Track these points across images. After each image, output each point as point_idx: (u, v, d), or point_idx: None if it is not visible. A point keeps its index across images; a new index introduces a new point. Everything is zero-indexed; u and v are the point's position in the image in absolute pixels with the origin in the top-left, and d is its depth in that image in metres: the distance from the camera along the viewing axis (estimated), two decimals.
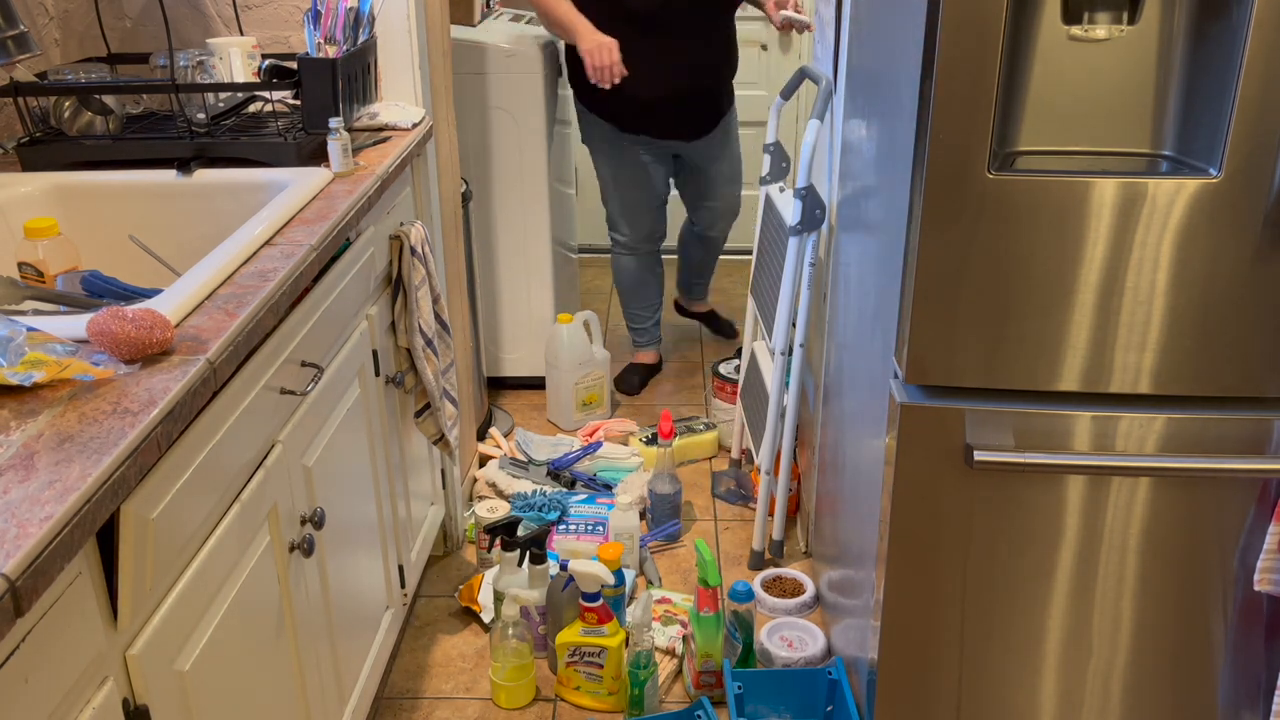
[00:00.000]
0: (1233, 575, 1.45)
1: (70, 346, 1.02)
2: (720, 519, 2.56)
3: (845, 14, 1.95)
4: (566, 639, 1.94)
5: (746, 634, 1.98)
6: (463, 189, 2.61)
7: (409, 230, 1.87)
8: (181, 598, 1.05)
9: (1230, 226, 1.29)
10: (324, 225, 1.45)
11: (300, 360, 1.39)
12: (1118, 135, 1.34)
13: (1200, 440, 1.39)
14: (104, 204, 1.65)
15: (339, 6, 1.78)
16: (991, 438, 1.41)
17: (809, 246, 2.17)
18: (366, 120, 1.95)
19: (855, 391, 1.79)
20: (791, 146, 3.94)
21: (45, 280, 1.46)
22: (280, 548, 1.32)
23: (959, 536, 1.47)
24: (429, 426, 2.02)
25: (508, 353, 3.15)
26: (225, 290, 1.23)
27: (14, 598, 0.73)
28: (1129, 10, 1.30)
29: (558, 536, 2.37)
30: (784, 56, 4.06)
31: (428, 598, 2.27)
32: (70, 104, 1.76)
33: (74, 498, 0.82)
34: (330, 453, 1.51)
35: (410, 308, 1.86)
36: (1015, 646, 1.53)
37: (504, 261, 3.04)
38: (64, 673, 0.85)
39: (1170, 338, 1.35)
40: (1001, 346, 1.37)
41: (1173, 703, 1.54)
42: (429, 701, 1.98)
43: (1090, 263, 1.32)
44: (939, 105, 1.27)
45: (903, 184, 1.40)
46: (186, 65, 1.82)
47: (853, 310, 1.84)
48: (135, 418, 0.94)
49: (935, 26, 1.25)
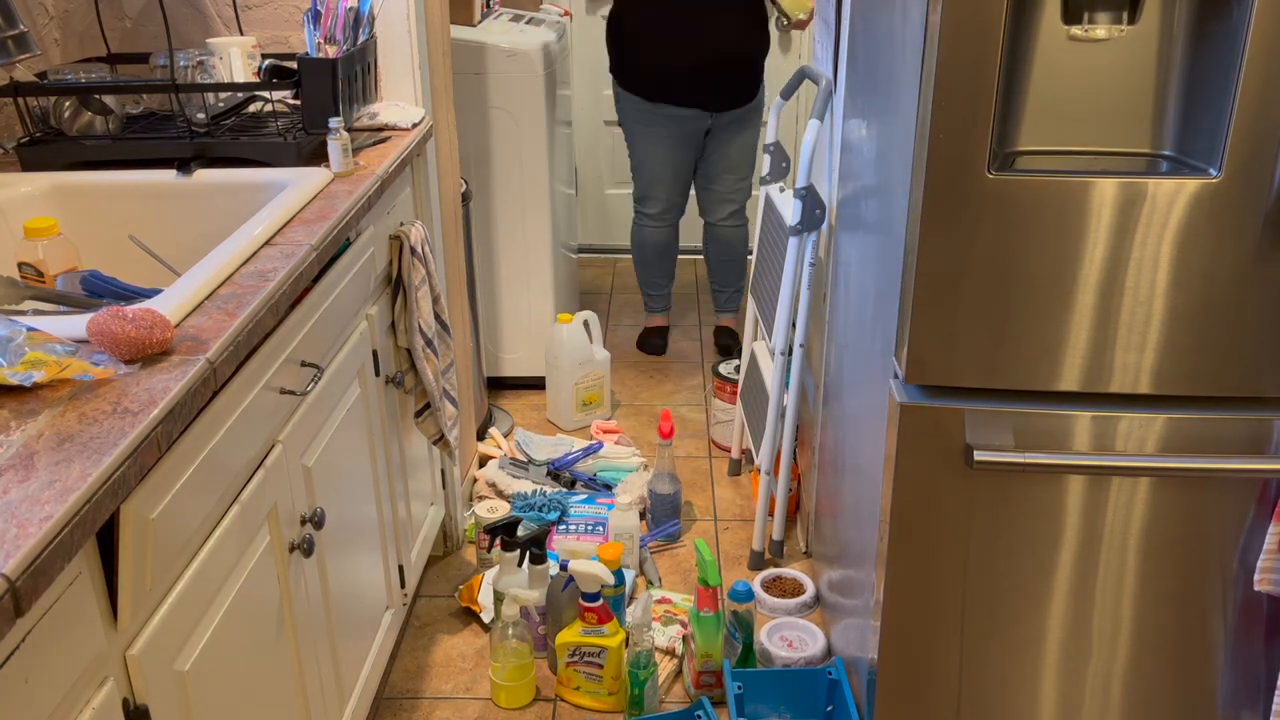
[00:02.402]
0: (1233, 575, 1.45)
1: (70, 346, 1.02)
2: (720, 519, 2.56)
3: (845, 14, 1.95)
4: (566, 639, 1.94)
5: (746, 634, 1.98)
6: (463, 189, 2.61)
7: (409, 230, 1.86)
8: (181, 598, 1.05)
9: (1230, 226, 1.29)
10: (324, 225, 1.45)
11: (300, 360, 1.39)
12: (1118, 135, 1.34)
13: (1200, 440, 1.39)
14: (104, 204, 1.65)
15: (339, 6, 1.78)
16: (991, 438, 1.41)
17: (809, 246, 2.17)
18: (366, 120, 1.95)
19: (855, 391, 1.79)
20: (791, 146, 3.94)
21: (45, 280, 1.46)
22: (280, 548, 1.32)
23: (959, 536, 1.47)
24: (429, 426, 2.02)
25: (508, 353, 3.15)
26: (225, 290, 1.23)
27: (14, 598, 0.73)
28: (1129, 10, 1.30)
29: (558, 536, 2.37)
30: (784, 56, 4.06)
31: (428, 598, 2.27)
32: (70, 104, 1.76)
33: (74, 498, 0.82)
34: (330, 453, 1.51)
35: (410, 308, 1.86)
36: (1015, 646, 1.53)
37: (504, 261, 3.04)
38: (64, 673, 0.85)
39: (1170, 338, 1.35)
40: (1001, 346, 1.37)
41: (1173, 703, 1.54)
42: (429, 701, 1.98)
43: (1090, 263, 1.32)
44: (939, 105, 1.27)
45: (903, 184, 1.40)
46: (186, 65, 1.82)
47: (853, 310, 1.84)
48: (135, 418, 0.94)
49: (935, 26, 1.25)
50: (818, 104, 2.11)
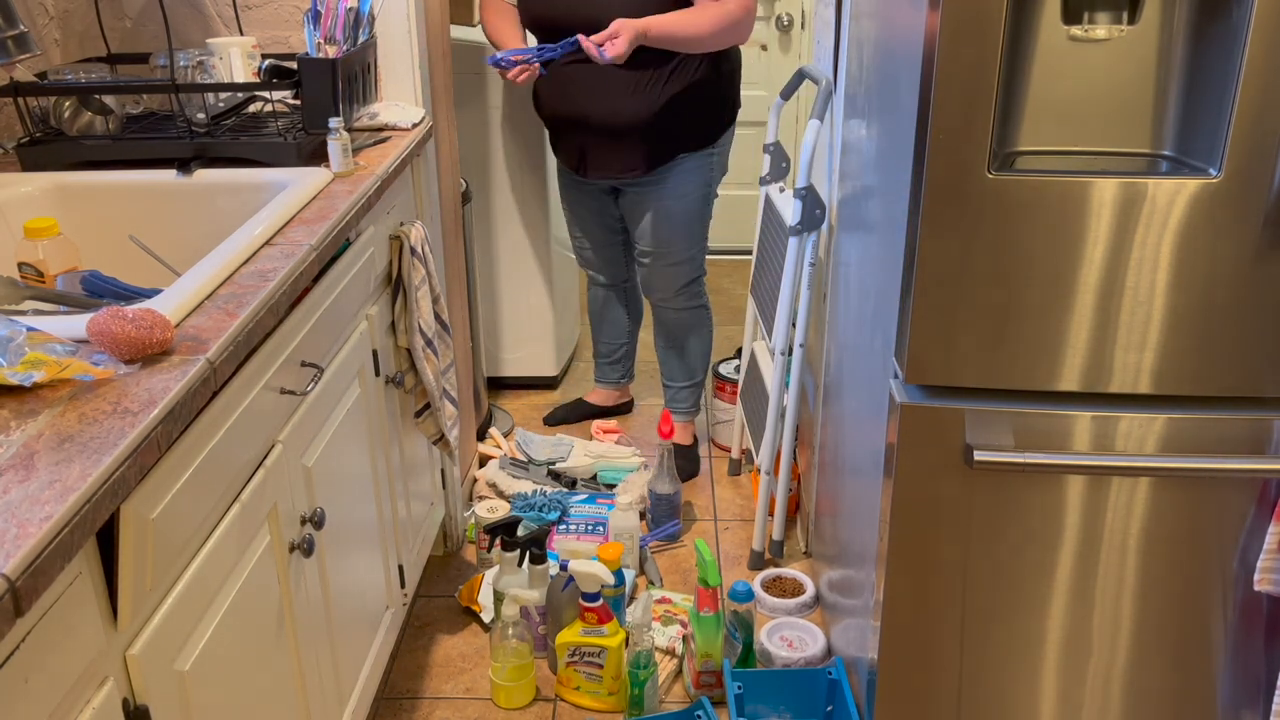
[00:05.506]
0: (1233, 575, 1.45)
1: (70, 346, 1.02)
2: (720, 519, 2.56)
3: (845, 14, 1.95)
4: (566, 639, 1.94)
5: (746, 634, 1.98)
6: (463, 189, 2.61)
7: (409, 230, 1.87)
8: (181, 598, 1.05)
9: (1230, 226, 1.29)
10: (324, 225, 1.45)
11: (300, 360, 1.39)
12: (1118, 135, 1.34)
13: (1200, 440, 1.39)
14: (104, 204, 1.65)
15: (339, 6, 1.78)
16: (991, 438, 1.41)
17: (809, 246, 2.17)
18: (366, 120, 1.95)
19: (855, 391, 1.79)
20: (791, 146, 3.94)
21: (45, 280, 1.46)
22: (280, 548, 1.31)
23: (959, 536, 1.47)
24: (429, 426, 2.02)
25: (508, 353, 3.15)
26: (225, 290, 1.23)
27: (14, 598, 0.73)
28: (1129, 10, 1.30)
29: (558, 536, 2.37)
30: (784, 56, 4.06)
31: (428, 598, 2.27)
32: (70, 104, 1.76)
33: (74, 498, 0.82)
34: (330, 453, 1.51)
35: (410, 308, 1.86)
36: (1015, 646, 1.53)
37: (504, 261, 3.04)
38: (64, 673, 0.85)
39: (1170, 338, 1.35)
40: (1001, 346, 1.37)
41: (1173, 703, 1.54)
42: (429, 701, 1.98)
43: (1090, 263, 1.32)
44: (939, 105, 1.27)
45: (903, 184, 1.40)
46: (186, 65, 1.82)
47: (853, 310, 1.84)
48: (135, 418, 0.94)
49: (935, 26, 1.25)
50: (818, 104, 2.11)
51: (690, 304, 2.64)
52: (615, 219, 2.69)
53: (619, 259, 2.79)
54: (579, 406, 3.03)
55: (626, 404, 3.07)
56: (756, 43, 4.01)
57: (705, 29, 2.26)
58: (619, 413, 3.05)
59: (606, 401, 3.04)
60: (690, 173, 2.46)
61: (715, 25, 2.27)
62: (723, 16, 2.26)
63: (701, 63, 2.37)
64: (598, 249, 2.77)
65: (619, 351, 2.96)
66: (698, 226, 2.53)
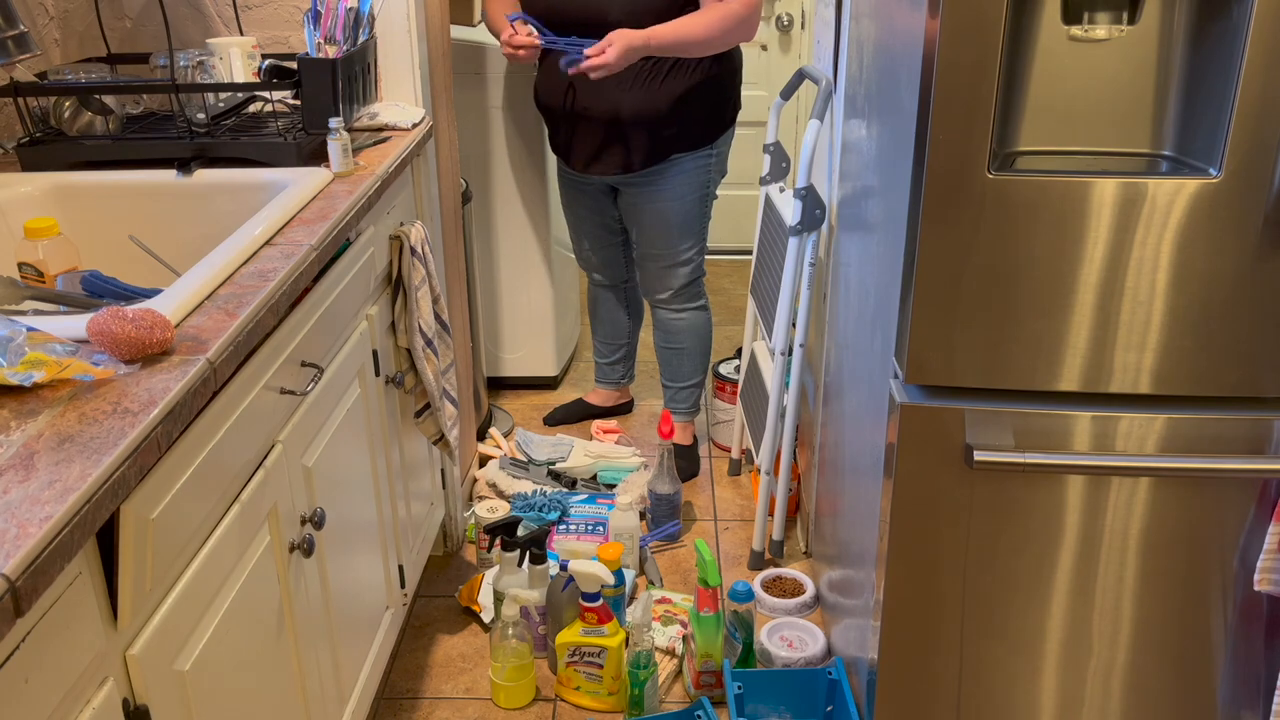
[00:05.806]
0: (1233, 575, 1.45)
1: (70, 346, 1.02)
2: (720, 519, 2.56)
3: (845, 14, 1.95)
4: (566, 639, 1.94)
5: (746, 634, 1.98)
6: (463, 189, 2.61)
7: (409, 230, 1.87)
8: (181, 598, 1.05)
9: (1230, 226, 1.29)
10: (324, 225, 1.45)
11: (300, 360, 1.39)
12: (1118, 135, 1.34)
13: (1200, 440, 1.39)
14: (104, 204, 1.65)
15: (339, 6, 1.78)
16: (991, 438, 1.41)
17: (809, 246, 2.17)
18: (366, 120, 1.95)
19: (855, 391, 1.79)
20: (791, 146, 3.94)
21: (45, 280, 1.46)
22: (280, 548, 1.32)
23: (959, 536, 1.47)
24: (429, 426, 2.02)
25: (508, 353, 3.15)
26: (225, 290, 1.23)
27: (14, 598, 0.73)
28: (1129, 10, 1.30)
29: (558, 536, 2.37)
30: (784, 56, 4.06)
31: (428, 598, 2.27)
32: (70, 104, 1.76)
33: (74, 498, 0.82)
34: (330, 453, 1.51)
35: (410, 308, 1.86)
36: (1015, 646, 1.53)
37: (504, 261, 3.04)
38: (64, 673, 0.85)
39: (1170, 338, 1.35)
40: (1001, 346, 1.37)
41: (1173, 703, 1.54)
42: (429, 701, 1.98)
43: (1090, 263, 1.32)
44: (939, 105, 1.27)
45: (903, 184, 1.40)
46: (186, 65, 1.82)
47: (853, 310, 1.84)
48: (135, 418, 0.94)
49: (935, 27, 1.25)
50: (818, 104, 2.11)
51: (690, 304, 2.64)
52: (614, 219, 2.69)
53: (618, 259, 2.79)
54: (579, 406, 3.03)
55: (626, 404, 3.07)
56: (756, 43, 4.01)
57: (711, 31, 2.27)
58: (619, 413, 3.05)
59: (606, 402, 3.04)
60: (689, 173, 2.46)
61: (720, 26, 2.27)
62: (727, 16, 2.26)
63: (702, 60, 2.36)
64: (597, 249, 2.76)
65: (619, 352, 2.96)
66: (697, 227, 2.53)
